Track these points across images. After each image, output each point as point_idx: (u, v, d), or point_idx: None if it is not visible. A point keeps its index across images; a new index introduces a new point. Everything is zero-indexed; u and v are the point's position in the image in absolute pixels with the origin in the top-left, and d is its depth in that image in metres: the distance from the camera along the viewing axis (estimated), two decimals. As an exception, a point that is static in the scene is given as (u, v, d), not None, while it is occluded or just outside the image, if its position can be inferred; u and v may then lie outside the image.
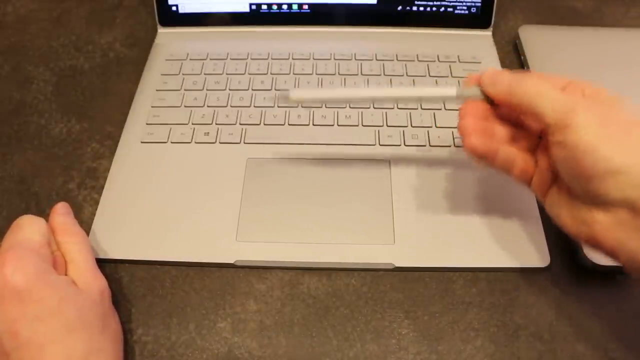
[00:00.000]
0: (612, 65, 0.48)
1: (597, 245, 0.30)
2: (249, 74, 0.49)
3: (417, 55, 0.50)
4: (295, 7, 0.51)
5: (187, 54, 0.50)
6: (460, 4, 0.51)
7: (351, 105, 0.45)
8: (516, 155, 0.33)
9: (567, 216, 0.31)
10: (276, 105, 0.46)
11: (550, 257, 0.37)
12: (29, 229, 0.32)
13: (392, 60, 0.50)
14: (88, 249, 0.35)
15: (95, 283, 0.33)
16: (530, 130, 0.34)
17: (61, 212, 0.36)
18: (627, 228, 0.28)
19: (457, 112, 0.45)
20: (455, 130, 0.44)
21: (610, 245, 0.29)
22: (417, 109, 0.45)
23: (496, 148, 0.33)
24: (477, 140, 0.32)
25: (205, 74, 0.49)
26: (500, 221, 0.39)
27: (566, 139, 0.28)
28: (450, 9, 0.51)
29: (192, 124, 0.45)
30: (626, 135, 0.28)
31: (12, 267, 0.29)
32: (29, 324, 0.29)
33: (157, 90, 0.48)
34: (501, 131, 0.33)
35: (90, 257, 0.34)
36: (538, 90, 0.30)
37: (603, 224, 0.29)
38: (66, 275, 0.33)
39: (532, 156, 0.33)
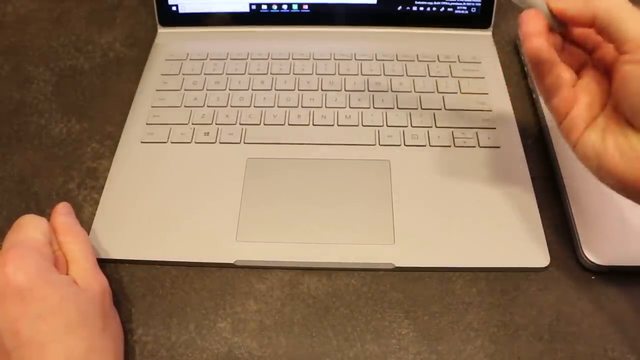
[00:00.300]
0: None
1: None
2: (249, 74, 0.49)
3: (417, 55, 0.50)
4: (295, 7, 0.51)
5: (187, 54, 0.50)
6: (460, 4, 0.51)
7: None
8: (564, 82, 0.32)
9: (616, 151, 0.30)
10: (276, 105, 0.46)
11: (550, 257, 0.37)
12: (30, 228, 0.33)
13: (392, 60, 0.50)
14: (89, 249, 0.35)
15: (96, 283, 0.33)
16: (577, 61, 0.33)
17: (63, 212, 0.36)
18: None
19: (457, 112, 0.46)
20: (455, 130, 0.44)
21: None
22: (417, 109, 0.45)
23: (554, 59, 0.31)
24: (543, 43, 0.31)
25: (205, 74, 0.49)
26: (500, 221, 0.39)
27: None
28: (450, 9, 0.51)
29: (192, 124, 0.45)
30: None
31: (13, 266, 0.29)
32: (31, 322, 0.29)
33: (157, 90, 0.48)
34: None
35: (92, 257, 0.34)
36: (620, 4, 0.29)
37: None
38: (67, 274, 0.33)
39: (574, 90, 0.32)
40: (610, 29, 0.29)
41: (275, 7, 0.51)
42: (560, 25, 0.32)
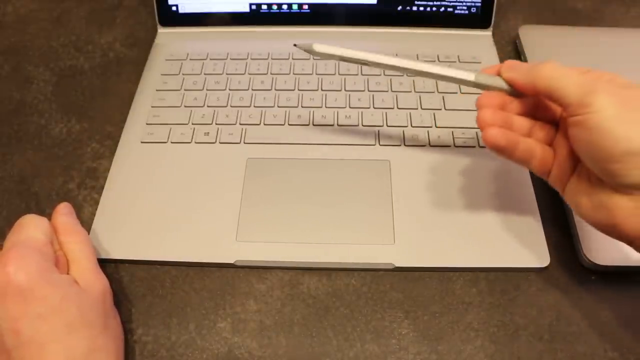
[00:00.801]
0: (612, 65, 0.48)
1: (617, 233, 0.29)
2: (249, 74, 0.49)
3: (417, 55, 0.50)
4: (295, 7, 0.51)
5: (187, 54, 0.50)
6: (460, 4, 0.51)
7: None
8: (535, 146, 0.33)
9: (587, 204, 0.31)
10: (276, 105, 0.46)
11: (550, 257, 0.37)
12: (32, 228, 0.33)
13: (392, 60, 0.49)
14: (90, 249, 0.35)
15: (97, 283, 0.33)
16: (547, 121, 0.33)
17: (64, 212, 0.36)
18: None
19: (457, 112, 0.45)
20: (455, 130, 0.44)
21: (631, 231, 0.29)
22: (417, 109, 0.45)
23: (516, 139, 0.32)
24: (498, 133, 0.32)
25: (205, 74, 0.49)
26: (500, 221, 0.39)
27: (587, 119, 0.28)
28: (450, 9, 0.51)
29: (192, 124, 0.45)
30: None
31: (14, 266, 0.29)
32: (31, 322, 0.29)
33: (157, 90, 0.48)
34: (519, 123, 0.33)
35: (92, 257, 0.34)
36: (559, 71, 0.30)
37: (624, 209, 0.29)
38: (68, 274, 0.33)
39: (550, 148, 0.33)
40: (553, 95, 0.30)
41: (275, 7, 0.51)
42: (517, 92, 0.33)
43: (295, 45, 0.37)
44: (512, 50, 0.53)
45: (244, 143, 0.44)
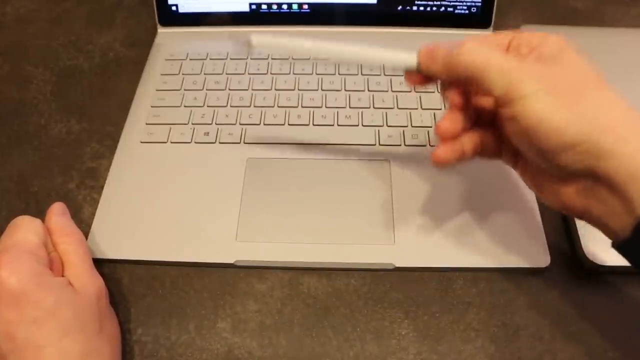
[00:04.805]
0: (612, 65, 0.48)
1: (568, 211, 0.30)
2: (249, 74, 0.49)
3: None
4: (295, 7, 0.51)
5: (187, 54, 0.50)
6: (461, 3, 0.51)
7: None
8: (483, 136, 0.32)
9: (535, 185, 0.31)
10: (276, 105, 0.46)
11: (550, 257, 0.37)
12: (24, 230, 0.32)
13: (392, 60, 0.49)
14: (85, 249, 0.35)
15: (92, 284, 0.33)
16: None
17: (57, 213, 0.36)
18: (590, 196, 0.28)
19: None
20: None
21: (579, 210, 0.29)
22: (417, 109, 0.45)
23: (461, 148, 0.31)
24: (447, 155, 0.31)
25: (205, 74, 0.49)
26: (501, 221, 0.39)
27: (516, 113, 0.27)
28: (450, 9, 0.51)
29: (192, 123, 0.45)
30: (578, 101, 0.27)
31: (7, 270, 0.29)
32: (26, 326, 0.28)
33: (156, 90, 0.48)
34: (467, 118, 0.32)
35: (87, 257, 0.34)
36: (479, 57, 0.28)
37: (567, 193, 0.29)
38: (63, 276, 0.33)
39: (497, 129, 0.32)
40: (477, 85, 0.29)
41: (275, 6, 0.51)
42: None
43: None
44: (512, 50, 0.52)
45: (244, 143, 0.44)
